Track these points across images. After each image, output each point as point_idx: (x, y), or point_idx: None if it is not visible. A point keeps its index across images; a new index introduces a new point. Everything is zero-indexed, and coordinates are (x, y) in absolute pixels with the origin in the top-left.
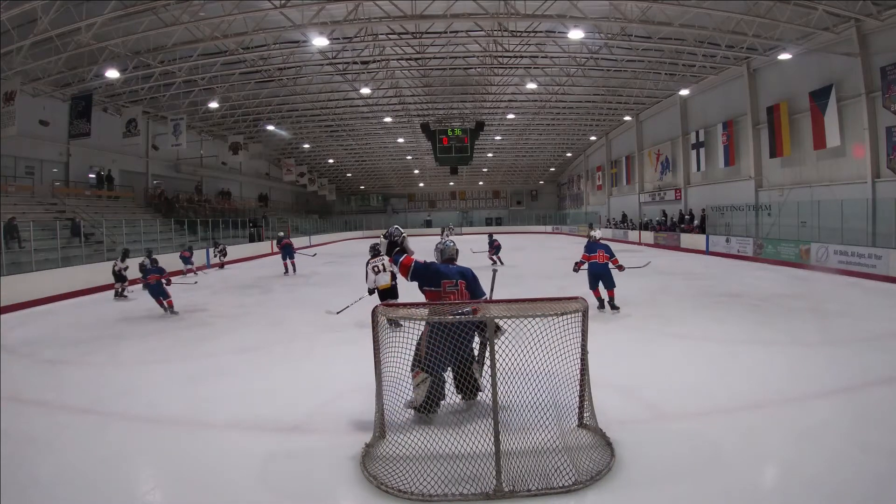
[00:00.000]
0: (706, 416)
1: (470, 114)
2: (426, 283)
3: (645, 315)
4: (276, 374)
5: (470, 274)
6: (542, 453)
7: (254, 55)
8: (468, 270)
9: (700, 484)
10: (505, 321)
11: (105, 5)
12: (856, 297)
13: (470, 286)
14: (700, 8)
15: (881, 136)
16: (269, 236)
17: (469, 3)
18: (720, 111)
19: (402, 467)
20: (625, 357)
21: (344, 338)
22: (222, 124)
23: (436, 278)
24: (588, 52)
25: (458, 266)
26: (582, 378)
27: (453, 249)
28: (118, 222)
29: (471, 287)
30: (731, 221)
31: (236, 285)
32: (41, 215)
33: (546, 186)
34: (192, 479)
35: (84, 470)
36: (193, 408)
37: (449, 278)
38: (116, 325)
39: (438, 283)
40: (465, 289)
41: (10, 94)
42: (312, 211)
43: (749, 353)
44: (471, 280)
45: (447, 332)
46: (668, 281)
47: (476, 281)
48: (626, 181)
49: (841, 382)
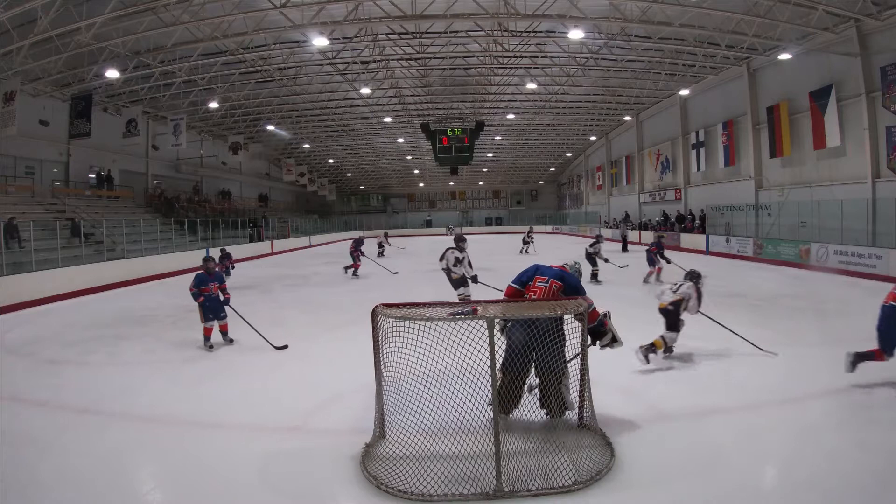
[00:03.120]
0: (706, 416)
1: (470, 114)
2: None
3: (645, 315)
4: (276, 374)
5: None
6: (542, 453)
7: (254, 55)
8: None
9: (700, 484)
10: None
11: (105, 5)
12: (856, 297)
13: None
14: (700, 8)
15: (881, 136)
16: (269, 236)
17: (469, 3)
18: (720, 111)
19: (402, 467)
20: (625, 357)
21: (344, 338)
22: (222, 124)
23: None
24: (588, 52)
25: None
26: (582, 378)
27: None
28: (118, 222)
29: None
30: (731, 221)
31: (236, 285)
32: (41, 215)
33: (546, 186)
34: (192, 479)
35: (84, 470)
36: (193, 408)
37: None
38: (116, 325)
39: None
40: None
41: (10, 94)
42: (312, 211)
43: (749, 354)
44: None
45: (519, 330)
46: (668, 281)
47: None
48: (626, 181)
49: (840, 382)
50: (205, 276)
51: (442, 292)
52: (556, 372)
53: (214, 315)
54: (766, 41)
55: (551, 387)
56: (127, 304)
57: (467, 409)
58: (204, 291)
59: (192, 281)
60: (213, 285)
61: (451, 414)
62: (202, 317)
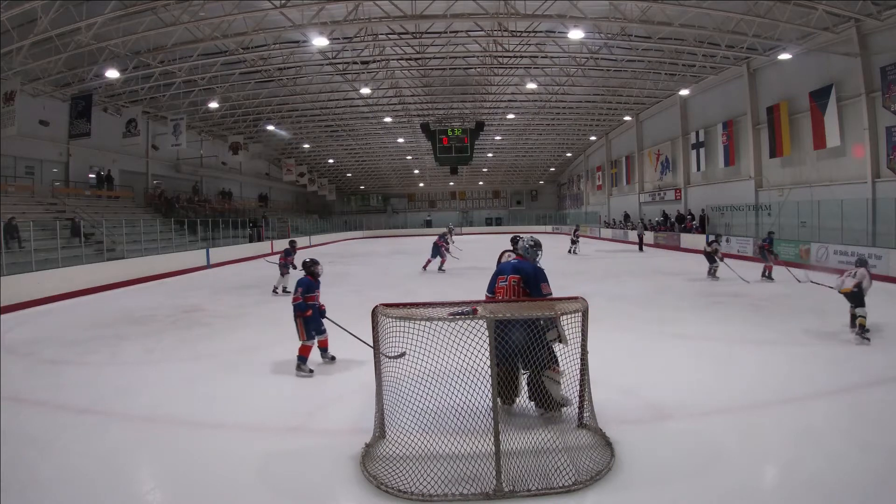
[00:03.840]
0: (706, 416)
1: (470, 114)
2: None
3: (645, 315)
4: (276, 374)
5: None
6: (542, 453)
7: (254, 55)
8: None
9: (700, 484)
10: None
11: (105, 5)
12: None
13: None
14: (700, 8)
15: (881, 136)
16: (269, 236)
17: (469, 3)
18: (720, 111)
19: (402, 467)
20: (625, 357)
21: (343, 337)
22: (222, 124)
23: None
24: (588, 52)
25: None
26: (582, 378)
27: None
28: (118, 222)
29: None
30: (731, 221)
31: (236, 285)
32: (41, 215)
33: (546, 186)
34: (192, 479)
35: (84, 470)
36: (193, 408)
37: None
38: (116, 325)
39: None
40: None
41: (10, 94)
42: (312, 211)
43: (749, 353)
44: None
45: (505, 326)
46: (668, 281)
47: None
48: (626, 181)
49: (841, 382)
50: (311, 281)
51: (442, 292)
52: (537, 365)
53: (317, 330)
54: (766, 41)
55: (535, 379)
56: (127, 304)
57: (467, 408)
58: (310, 301)
59: (297, 289)
60: (318, 292)
61: (451, 414)
62: (303, 333)
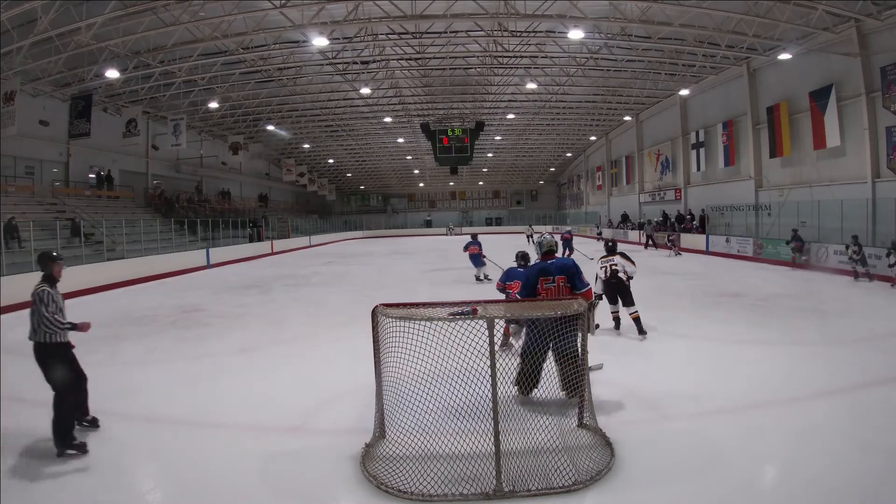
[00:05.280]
0: (706, 416)
1: (470, 114)
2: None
3: (645, 315)
4: (276, 374)
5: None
6: (542, 453)
7: (254, 55)
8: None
9: (700, 484)
10: None
11: (105, 5)
12: (856, 297)
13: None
14: (700, 8)
15: (881, 136)
16: (269, 236)
17: (469, 3)
18: (720, 111)
19: (402, 467)
20: (625, 357)
21: (343, 338)
22: (222, 124)
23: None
24: (588, 52)
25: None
26: (582, 378)
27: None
28: (118, 222)
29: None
30: (731, 221)
31: (236, 285)
32: (41, 215)
33: (546, 186)
34: (192, 479)
35: (85, 470)
36: (193, 408)
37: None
38: (116, 325)
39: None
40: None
41: (10, 94)
42: (312, 211)
43: (749, 353)
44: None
45: (541, 324)
46: (668, 281)
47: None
48: (626, 181)
49: (841, 382)
50: (517, 270)
51: (442, 292)
52: (572, 356)
53: None
54: (766, 41)
55: (569, 370)
56: (127, 304)
57: (467, 409)
58: (510, 290)
59: (501, 276)
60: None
61: (450, 414)
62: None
